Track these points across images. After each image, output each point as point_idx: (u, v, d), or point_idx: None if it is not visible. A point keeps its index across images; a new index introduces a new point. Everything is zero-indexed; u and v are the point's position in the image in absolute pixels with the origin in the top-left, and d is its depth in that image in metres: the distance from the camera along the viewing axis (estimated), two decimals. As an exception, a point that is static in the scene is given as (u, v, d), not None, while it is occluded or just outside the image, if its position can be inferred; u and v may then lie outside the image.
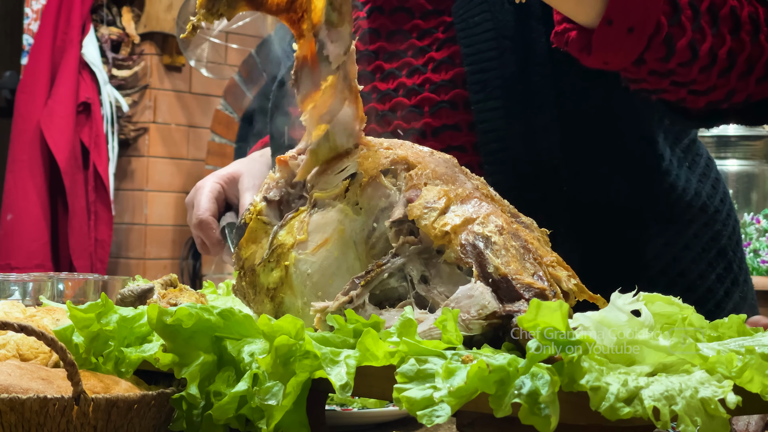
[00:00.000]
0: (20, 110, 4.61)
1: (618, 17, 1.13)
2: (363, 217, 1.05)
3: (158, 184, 4.87)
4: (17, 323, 0.95)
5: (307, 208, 1.09)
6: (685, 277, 1.44)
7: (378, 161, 1.05)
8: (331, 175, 1.08)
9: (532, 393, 0.76)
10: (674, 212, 1.45)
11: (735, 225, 1.54)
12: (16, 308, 1.19)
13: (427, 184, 1.02)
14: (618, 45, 1.15)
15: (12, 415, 0.90)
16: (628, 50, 1.15)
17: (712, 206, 1.49)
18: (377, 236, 1.04)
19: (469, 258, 0.96)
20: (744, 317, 0.99)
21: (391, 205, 1.03)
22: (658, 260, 1.43)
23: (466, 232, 0.97)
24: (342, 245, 1.05)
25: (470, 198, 1.01)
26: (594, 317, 0.84)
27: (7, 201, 4.56)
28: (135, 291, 1.23)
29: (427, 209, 1.00)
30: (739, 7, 1.21)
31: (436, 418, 0.78)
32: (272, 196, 1.13)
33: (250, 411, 0.92)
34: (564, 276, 0.98)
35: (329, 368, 0.87)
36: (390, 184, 1.04)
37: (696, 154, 1.52)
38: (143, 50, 4.88)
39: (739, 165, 3.30)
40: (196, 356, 0.96)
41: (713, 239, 1.48)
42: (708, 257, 1.47)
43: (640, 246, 1.43)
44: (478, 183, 1.06)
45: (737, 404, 0.75)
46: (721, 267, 1.48)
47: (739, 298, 1.49)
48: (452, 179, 1.03)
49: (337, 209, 1.06)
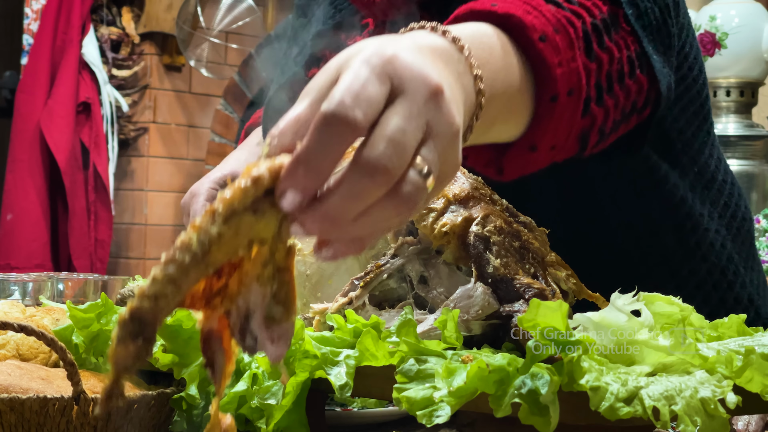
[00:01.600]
0: (20, 110, 4.60)
1: (540, 140, 1.02)
2: (363, 217, 1.05)
3: (158, 184, 4.87)
4: (17, 323, 0.95)
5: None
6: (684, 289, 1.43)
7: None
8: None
9: (532, 393, 0.76)
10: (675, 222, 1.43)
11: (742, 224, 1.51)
12: (16, 308, 1.19)
13: (426, 184, 1.02)
14: (534, 165, 1.03)
15: (12, 415, 0.90)
16: (539, 162, 1.05)
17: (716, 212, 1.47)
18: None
19: (468, 258, 0.96)
20: (744, 317, 0.99)
21: (391, 205, 1.03)
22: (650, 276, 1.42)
23: (465, 232, 0.97)
24: (342, 245, 1.05)
25: (469, 198, 1.01)
26: (594, 317, 0.84)
27: (7, 201, 4.56)
28: (135, 291, 1.22)
29: (426, 210, 1.00)
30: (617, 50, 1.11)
31: (436, 418, 0.78)
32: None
33: (249, 411, 0.92)
34: (563, 275, 0.98)
35: (329, 368, 0.87)
36: (390, 184, 1.04)
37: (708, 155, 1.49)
38: (143, 50, 4.88)
39: (739, 165, 3.29)
40: (196, 356, 0.96)
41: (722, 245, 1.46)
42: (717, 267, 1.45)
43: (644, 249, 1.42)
44: (477, 183, 1.06)
45: (737, 404, 0.75)
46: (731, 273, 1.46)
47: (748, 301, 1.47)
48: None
49: (337, 209, 1.06)
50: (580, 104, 1.03)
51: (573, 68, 1.00)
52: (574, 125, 1.03)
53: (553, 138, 1.01)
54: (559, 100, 0.99)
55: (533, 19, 0.96)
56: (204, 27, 4.76)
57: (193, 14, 4.75)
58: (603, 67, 1.05)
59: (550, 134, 1.00)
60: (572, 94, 1.01)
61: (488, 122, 0.88)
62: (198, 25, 4.76)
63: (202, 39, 4.79)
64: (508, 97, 0.92)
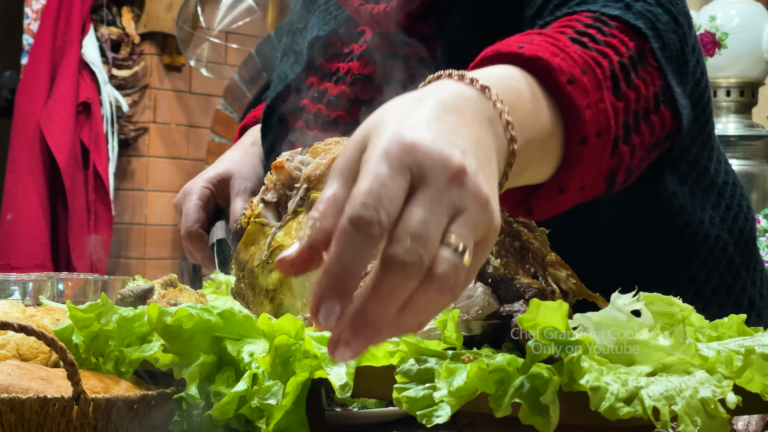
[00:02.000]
0: (20, 110, 4.61)
1: (570, 182, 1.01)
2: (363, 217, 1.05)
3: (158, 184, 4.87)
4: (17, 323, 0.95)
5: (306, 209, 1.09)
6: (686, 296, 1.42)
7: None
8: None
9: (531, 393, 0.76)
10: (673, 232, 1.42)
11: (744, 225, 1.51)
12: (16, 308, 1.19)
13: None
14: (566, 205, 1.03)
15: (12, 415, 0.90)
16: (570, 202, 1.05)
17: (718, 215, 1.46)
18: (377, 236, 1.03)
19: (469, 258, 0.95)
20: (744, 317, 0.99)
21: (391, 205, 1.03)
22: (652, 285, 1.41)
23: (466, 232, 0.97)
24: (342, 245, 1.05)
25: (470, 198, 1.01)
26: (594, 317, 0.84)
27: (7, 201, 4.56)
28: (135, 291, 1.23)
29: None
30: (644, 87, 1.10)
31: (435, 418, 0.78)
32: (270, 198, 1.13)
33: (249, 411, 0.92)
34: (563, 275, 0.98)
35: (329, 368, 0.87)
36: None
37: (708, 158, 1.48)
38: (143, 50, 4.88)
39: (739, 165, 3.29)
40: (196, 356, 0.96)
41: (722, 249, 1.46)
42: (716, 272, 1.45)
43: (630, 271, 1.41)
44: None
45: (737, 404, 0.75)
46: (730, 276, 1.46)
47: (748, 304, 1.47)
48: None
49: (337, 209, 1.06)
50: (608, 145, 1.02)
51: (601, 109, 0.99)
52: (603, 165, 1.02)
53: (582, 179, 1.00)
54: (588, 141, 0.98)
55: (560, 61, 0.95)
56: (204, 27, 4.76)
57: (193, 14, 4.75)
58: (630, 105, 1.04)
59: (579, 176, 0.99)
60: (601, 135, 1.00)
61: (522, 167, 0.87)
62: (198, 25, 4.76)
63: (202, 39, 4.79)
64: (539, 141, 0.92)
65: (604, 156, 1.01)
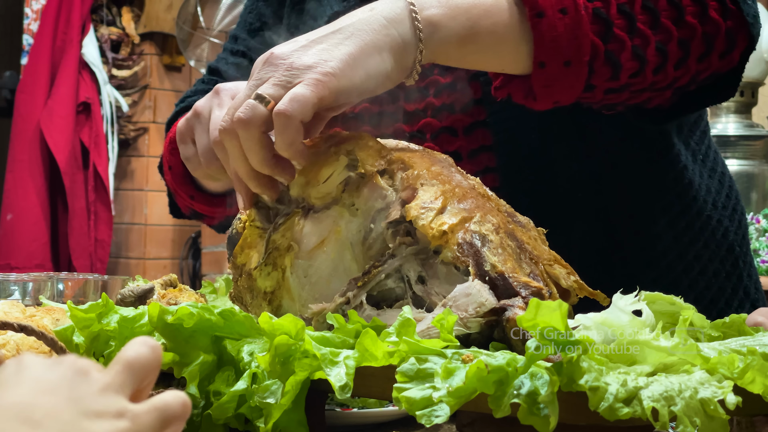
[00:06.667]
0: (20, 110, 4.61)
1: (549, 57, 1.06)
2: (359, 219, 1.05)
3: (158, 184, 4.87)
4: (17, 323, 0.95)
5: (301, 212, 1.08)
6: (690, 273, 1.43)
7: (374, 162, 1.05)
8: (320, 185, 1.07)
9: (531, 393, 0.76)
10: (684, 205, 1.44)
11: (741, 219, 1.53)
12: (16, 308, 1.19)
13: (423, 185, 1.02)
14: (560, 83, 1.08)
15: (11, 415, 0.90)
16: (573, 84, 1.09)
17: (720, 202, 1.48)
18: (374, 237, 1.03)
19: (466, 256, 0.95)
20: (745, 317, 0.99)
21: (388, 205, 1.03)
22: (664, 256, 1.42)
23: (463, 230, 0.97)
24: (338, 247, 1.05)
25: (467, 197, 1.01)
26: (595, 318, 0.84)
27: (7, 201, 4.56)
28: (135, 291, 1.23)
29: (424, 209, 0.99)
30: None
31: (435, 418, 0.78)
32: (263, 203, 1.13)
33: (249, 410, 0.92)
34: (563, 273, 0.98)
35: (328, 369, 0.87)
36: (386, 185, 1.04)
37: (707, 147, 1.50)
38: (143, 50, 4.88)
39: (739, 165, 3.29)
40: (196, 356, 0.96)
41: (723, 236, 1.47)
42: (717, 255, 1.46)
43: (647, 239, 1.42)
44: (474, 183, 1.06)
45: (737, 405, 0.75)
46: (729, 263, 1.47)
47: (743, 294, 1.48)
48: (448, 179, 1.03)
49: (333, 211, 1.06)
50: (580, 16, 1.06)
51: None
52: (581, 38, 1.06)
53: (557, 52, 1.06)
54: (546, 15, 1.04)
55: None
56: (204, 27, 4.76)
57: (193, 14, 4.75)
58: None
59: (551, 48, 1.06)
60: (566, 12, 1.05)
61: (466, 49, 1.05)
62: (198, 25, 4.76)
63: (202, 39, 4.79)
64: (490, 24, 1.06)
65: (579, 29, 1.06)
